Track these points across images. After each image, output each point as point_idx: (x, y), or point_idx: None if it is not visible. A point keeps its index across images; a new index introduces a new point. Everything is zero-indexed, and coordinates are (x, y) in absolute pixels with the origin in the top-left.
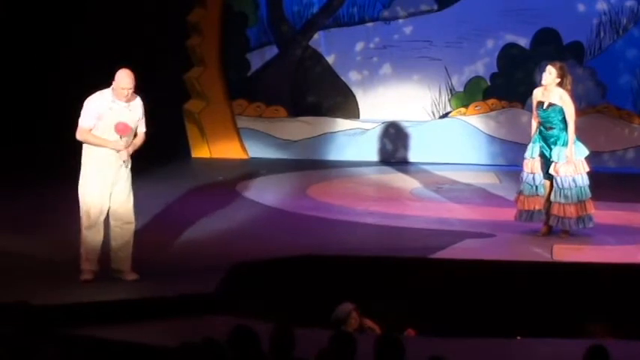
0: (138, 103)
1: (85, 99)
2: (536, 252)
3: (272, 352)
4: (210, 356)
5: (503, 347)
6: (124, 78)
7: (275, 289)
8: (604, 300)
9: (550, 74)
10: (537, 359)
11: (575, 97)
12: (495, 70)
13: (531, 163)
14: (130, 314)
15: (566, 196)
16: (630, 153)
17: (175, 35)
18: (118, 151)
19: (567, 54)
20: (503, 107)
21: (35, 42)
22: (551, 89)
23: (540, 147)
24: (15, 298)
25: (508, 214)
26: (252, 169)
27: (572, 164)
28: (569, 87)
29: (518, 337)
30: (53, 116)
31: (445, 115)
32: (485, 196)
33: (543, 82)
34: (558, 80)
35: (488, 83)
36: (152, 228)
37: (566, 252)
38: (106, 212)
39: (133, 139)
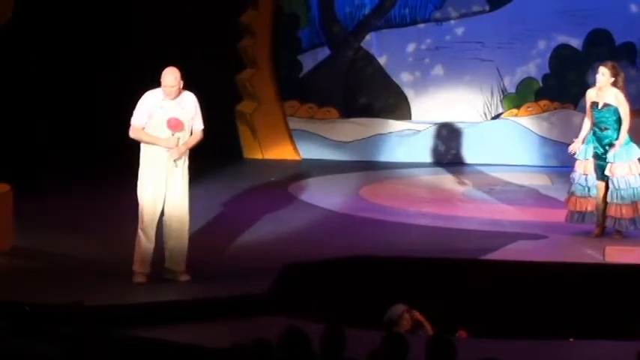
0: (190, 100)
1: (139, 99)
2: (589, 253)
3: (323, 352)
4: (260, 357)
5: (556, 349)
6: (167, 76)
7: (327, 290)
8: None
9: (603, 75)
10: None
11: (629, 97)
12: (547, 71)
13: (584, 164)
14: (182, 315)
15: (622, 197)
16: None
17: (227, 37)
18: (170, 149)
19: (620, 55)
20: (556, 108)
21: (86, 43)
22: (606, 89)
23: (594, 148)
24: (69, 299)
25: (560, 216)
26: (304, 171)
27: (627, 165)
28: (621, 84)
29: (571, 339)
30: (109, 117)
31: (497, 117)
32: (537, 198)
33: (598, 84)
34: (612, 80)
35: (540, 84)
36: (205, 229)
37: (618, 254)
38: (159, 212)
39: (189, 136)
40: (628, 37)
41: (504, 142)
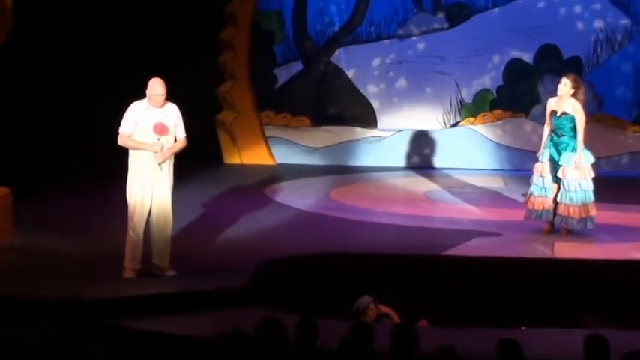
0: (172, 109)
1: (125, 108)
2: (539, 249)
3: (297, 340)
4: (239, 346)
5: (507, 335)
6: (156, 85)
7: (301, 284)
8: (600, 292)
9: (565, 85)
10: (540, 348)
11: (586, 108)
12: (501, 83)
13: (541, 167)
14: (168, 307)
15: (571, 199)
16: (624, 158)
17: (209, 52)
18: (155, 153)
19: (567, 68)
20: (509, 117)
21: (77, 54)
22: (565, 99)
23: (550, 152)
24: (66, 293)
25: (513, 215)
26: (279, 175)
27: (579, 170)
28: (581, 97)
29: (523, 327)
30: (99, 125)
31: (455, 125)
32: (492, 199)
33: (559, 92)
34: (572, 91)
35: (495, 95)
36: (189, 228)
37: (565, 249)
38: (147, 213)
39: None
40: (575, 52)
41: (462, 148)
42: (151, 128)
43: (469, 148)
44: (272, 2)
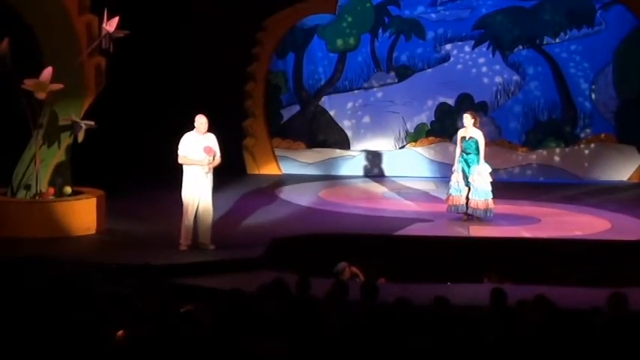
0: (212, 138)
1: (181, 135)
2: (459, 230)
3: (296, 293)
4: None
5: (438, 289)
6: (203, 118)
7: (299, 254)
8: (499, 258)
9: (467, 119)
10: (460, 297)
11: (486, 134)
12: (433, 119)
13: (456, 176)
14: (210, 270)
15: (479, 196)
16: (516, 169)
17: (238, 99)
18: (203, 166)
19: (477, 109)
20: (438, 142)
21: (150, 100)
22: (470, 128)
23: (462, 165)
24: (141, 261)
25: (441, 207)
26: (284, 181)
27: (482, 176)
28: (477, 124)
29: (449, 283)
30: (164, 147)
31: (402, 147)
32: (427, 196)
33: (465, 125)
34: (473, 121)
35: (429, 127)
36: (223, 217)
37: (477, 230)
38: (196, 208)
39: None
40: (482, 98)
41: (407, 162)
42: (200, 149)
43: (411, 163)
44: (279, 65)
